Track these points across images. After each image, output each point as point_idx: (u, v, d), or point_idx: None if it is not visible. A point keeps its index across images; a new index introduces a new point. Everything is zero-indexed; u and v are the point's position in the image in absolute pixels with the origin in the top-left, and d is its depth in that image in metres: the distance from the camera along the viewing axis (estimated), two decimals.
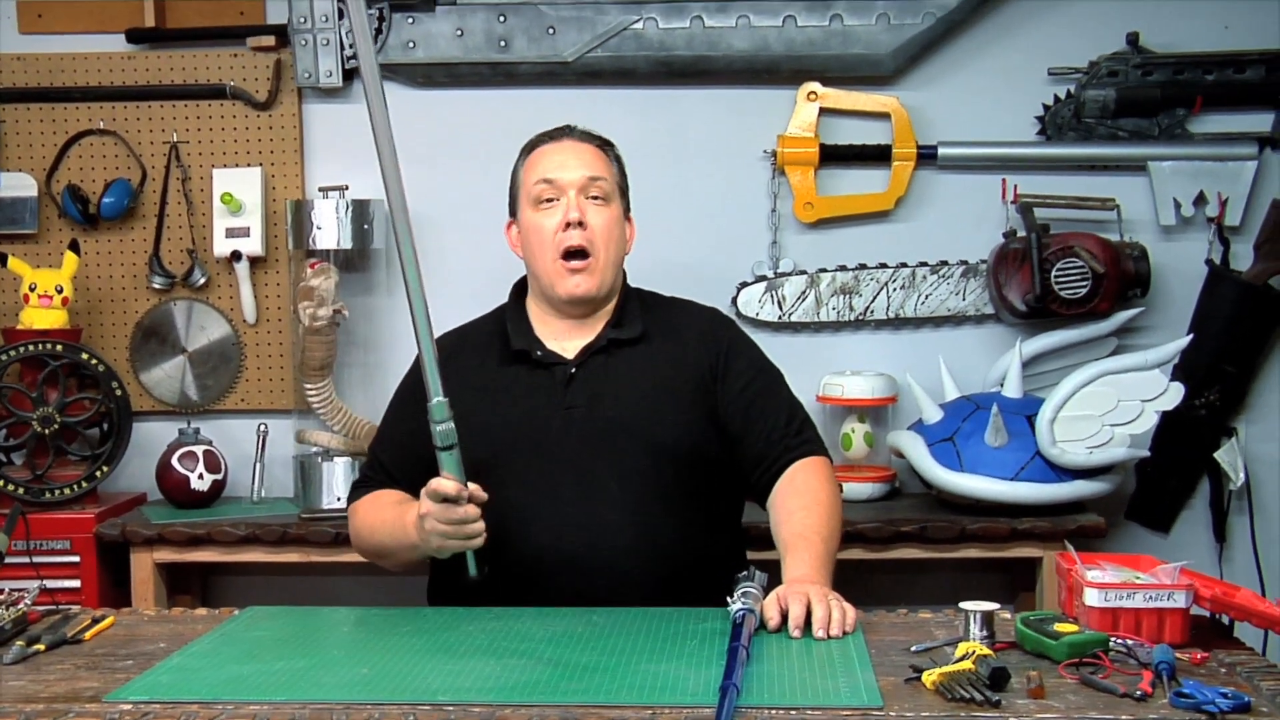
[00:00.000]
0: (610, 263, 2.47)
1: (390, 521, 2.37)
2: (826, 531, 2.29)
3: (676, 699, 1.74)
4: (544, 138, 2.55)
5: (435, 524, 2.20)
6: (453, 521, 2.19)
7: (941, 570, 3.35)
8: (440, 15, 3.42)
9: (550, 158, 2.50)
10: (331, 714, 1.71)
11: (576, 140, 2.53)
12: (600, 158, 2.52)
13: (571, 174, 2.47)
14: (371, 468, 2.57)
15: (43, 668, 1.96)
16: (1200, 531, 3.49)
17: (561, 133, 2.55)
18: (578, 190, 2.46)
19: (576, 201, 2.45)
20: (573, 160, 2.48)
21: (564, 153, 2.50)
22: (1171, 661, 1.81)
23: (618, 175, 2.55)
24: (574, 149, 2.51)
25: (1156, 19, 3.39)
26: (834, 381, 3.35)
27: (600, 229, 2.45)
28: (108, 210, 3.48)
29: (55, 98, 3.52)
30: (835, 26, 3.38)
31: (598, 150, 2.53)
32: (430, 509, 2.19)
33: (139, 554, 3.21)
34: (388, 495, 2.47)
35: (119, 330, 3.55)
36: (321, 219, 3.32)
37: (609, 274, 2.47)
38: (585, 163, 2.49)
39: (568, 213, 2.44)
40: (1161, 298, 3.41)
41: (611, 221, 2.48)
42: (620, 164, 2.58)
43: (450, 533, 2.20)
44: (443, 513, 2.18)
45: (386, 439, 2.57)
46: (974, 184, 3.44)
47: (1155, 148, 3.39)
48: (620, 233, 2.51)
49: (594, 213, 2.46)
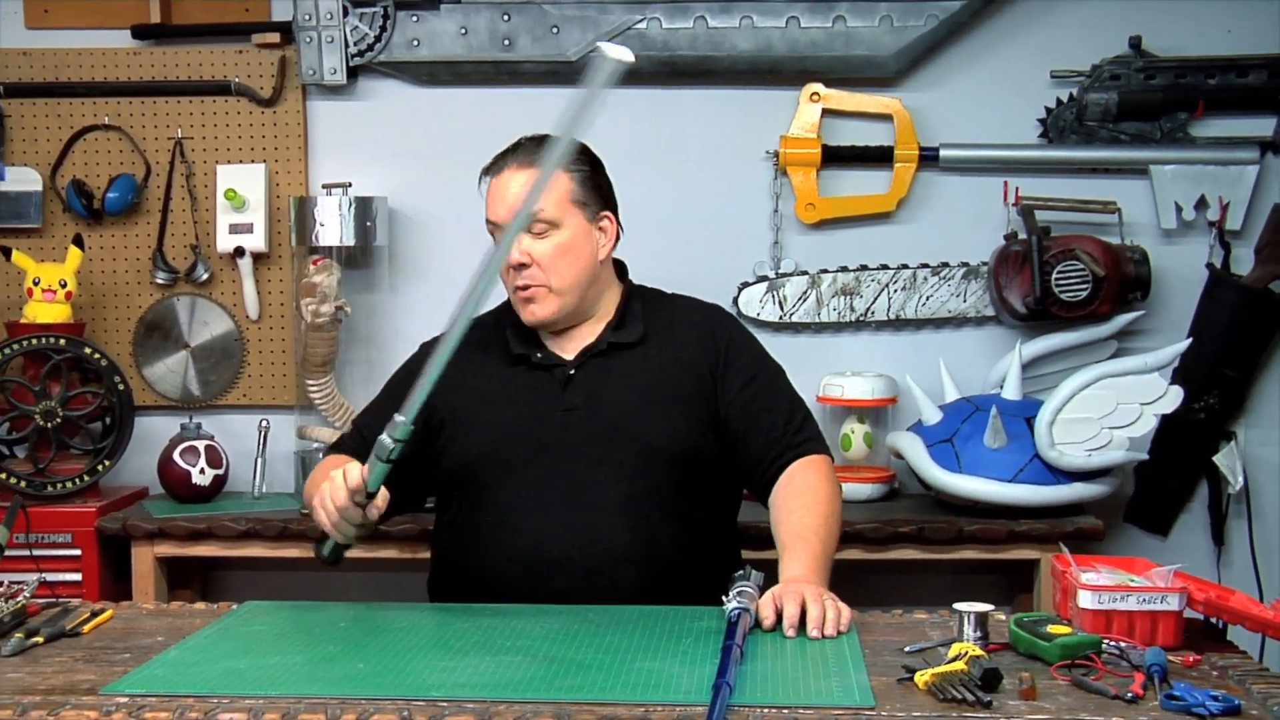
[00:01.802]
0: (567, 286, 2.43)
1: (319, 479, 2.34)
2: (825, 531, 2.30)
3: (670, 697, 1.75)
4: (491, 167, 2.48)
5: (325, 499, 2.19)
6: (338, 508, 2.17)
7: (939, 571, 3.36)
8: (445, 13, 3.44)
9: (492, 194, 2.45)
10: (326, 709, 1.72)
11: (515, 168, 2.43)
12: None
13: (505, 211, 2.41)
14: (350, 436, 2.57)
15: (40, 660, 1.97)
16: (1199, 535, 3.50)
17: (504, 160, 2.46)
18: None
19: (518, 241, 2.39)
20: (509, 196, 2.41)
21: (501, 187, 2.43)
22: (1163, 664, 1.82)
23: (574, 189, 2.45)
24: (511, 179, 2.42)
25: (1159, 23, 3.39)
26: (834, 382, 3.36)
27: (545, 259, 2.41)
28: (112, 205, 3.49)
29: (60, 93, 3.54)
30: (838, 28, 3.38)
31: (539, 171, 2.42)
32: (333, 480, 2.17)
33: (140, 548, 3.22)
34: (344, 459, 2.40)
35: (122, 325, 3.57)
36: (324, 216, 3.33)
37: (568, 297, 2.44)
38: (521, 195, 2.37)
39: (510, 255, 2.40)
40: (1162, 301, 3.41)
41: (558, 249, 2.42)
42: (584, 170, 2.47)
43: (330, 512, 2.18)
44: (338, 497, 2.17)
45: (372, 415, 2.54)
46: (975, 186, 3.44)
47: (1157, 151, 3.39)
48: (573, 253, 2.43)
49: (535, 245, 2.41)
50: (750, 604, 2.03)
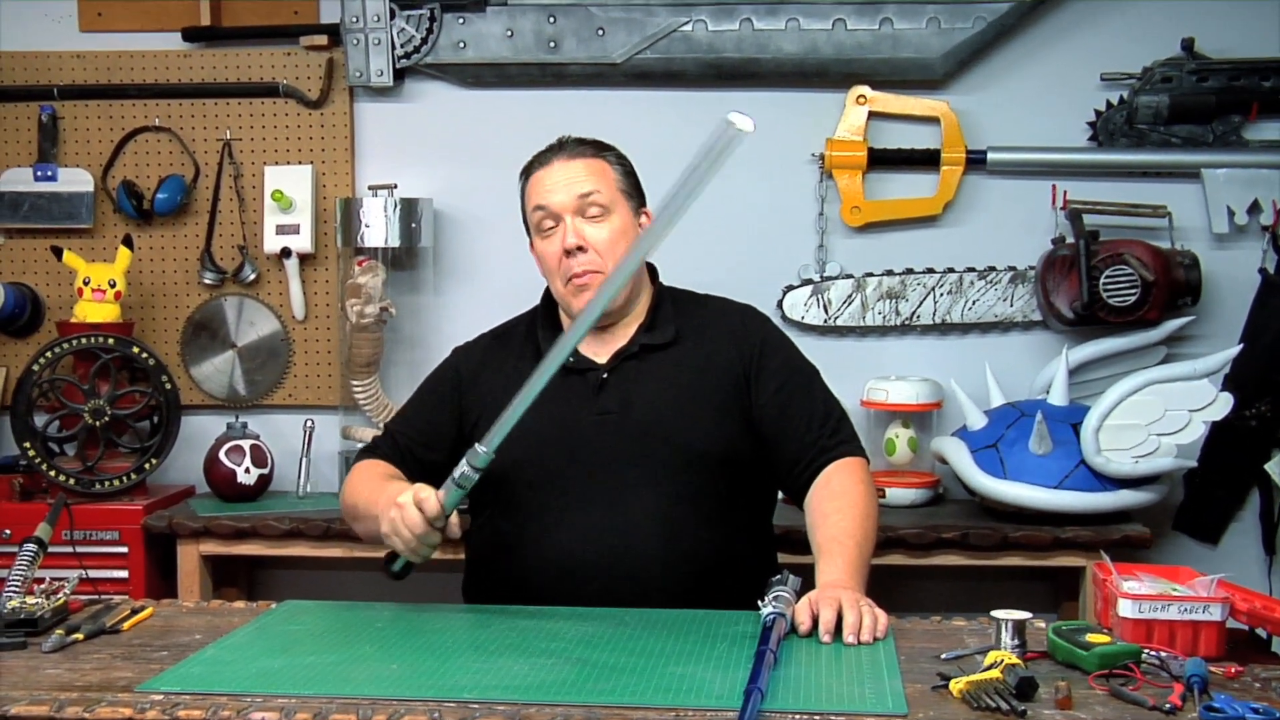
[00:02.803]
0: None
1: (373, 489, 2.36)
2: (861, 535, 2.28)
3: (701, 701, 1.74)
4: (536, 162, 2.50)
5: (399, 522, 2.18)
6: (415, 534, 2.18)
7: (983, 578, 3.33)
8: (491, 16, 3.44)
9: (542, 183, 2.45)
10: (358, 709, 1.73)
11: (566, 158, 2.46)
12: (593, 169, 2.45)
13: (562, 196, 2.42)
14: (383, 439, 2.57)
15: (80, 657, 1.98)
16: (1250, 544, 3.45)
17: (550, 153, 2.48)
18: (573, 212, 2.41)
19: (573, 225, 2.41)
20: (562, 181, 2.43)
21: (553, 175, 2.44)
22: (1204, 675, 1.79)
23: (619, 179, 2.48)
24: (563, 169, 2.45)
25: (1212, 24, 3.35)
26: (878, 386, 3.34)
27: (603, 245, 2.41)
28: (161, 206, 3.53)
29: (112, 95, 3.59)
30: (885, 30, 3.36)
31: (590, 161, 2.46)
32: (405, 508, 2.17)
33: (185, 546, 3.25)
34: (384, 466, 2.48)
35: (170, 325, 3.60)
36: (370, 217, 3.35)
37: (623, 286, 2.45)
38: (575, 181, 2.42)
39: (564, 239, 2.40)
40: (1213, 307, 3.37)
41: (615, 233, 2.43)
42: (624, 165, 2.51)
43: (406, 538, 2.19)
44: (415, 525, 2.17)
45: (406, 420, 2.58)
46: (1023, 189, 3.41)
47: (1209, 155, 3.35)
48: (625, 240, 2.43)
49: (593, 230, 2.42)
50: (786, 609, 2.01)
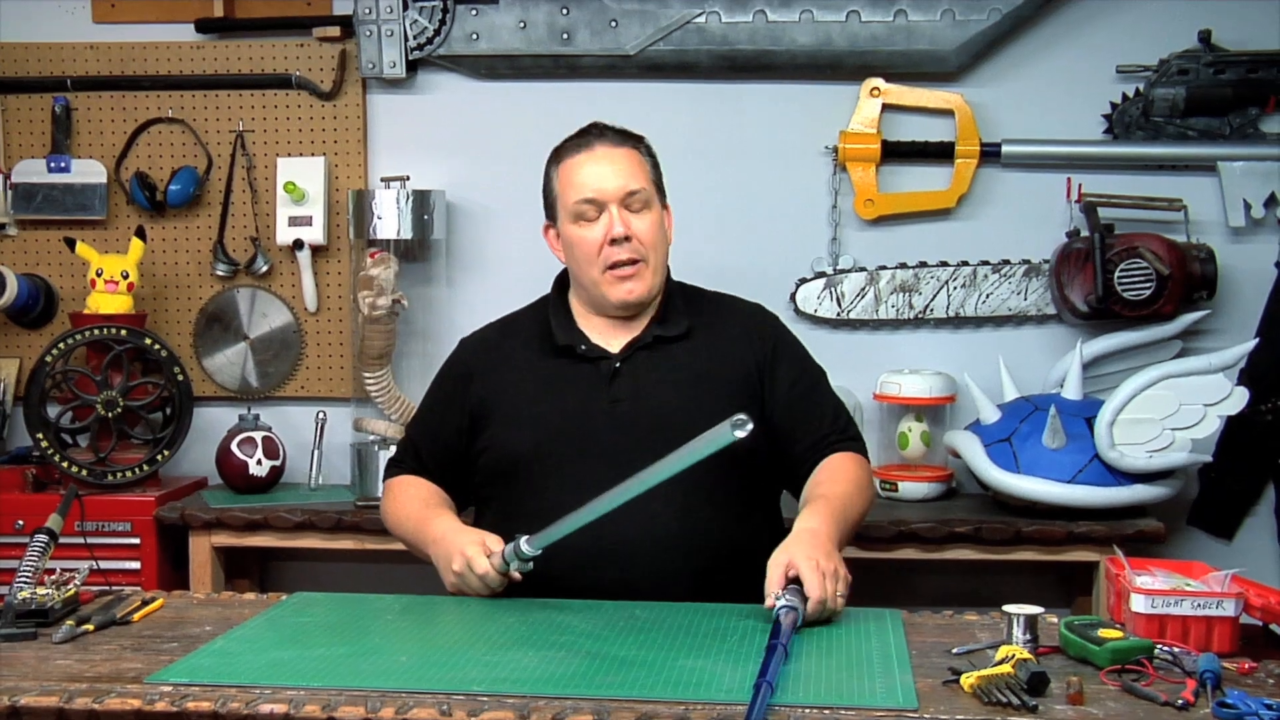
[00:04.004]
0: (658, 266, 2.46)
1: (415, 523, 2.43)
2: (846, 498, 2.32)
3: (710, 695, 1.74)
4: (573, 146, 2.48)
5: (455, 576, 2.25)
6: (470, 587, 2.25)
7: (996, 572, 3.32)
8: (503, 7, 3.44)
9: (585, 170, 2.44)
10: (366, 701, 1.73)
11: (609, 145, 2.46)
12: (634, 161, 2.45)
13: (610, 187, 2.42)
14: (405, 449, 2.60)
15: (90, 647, 1.99)
16: (1265, 539, 3.43)
17: (590, 138, 2.47)
18: (619, 203, 2.41)
19: (619, 216, 2.41)
20: (609, 172, 2.42)
21: (598, 163, 2.43)
22: (1217, 670, 1.78)
23: (652, 172, 2.49)
24: (608, 157, 2.44)
25: (1229, 16, 3.33)
26: (892, 380, 3.32)
27: (646, 235, 2.42)
28: (174, 197, 3.53)
29: (126, 86, 3.59)
30: (899, 22, 3.35)
31: (630, 152, 2.46)
32: (462, 568, 2.23)
33: (197, 537, 3.26)
34: (417, 488, 2.52)
35: (183, 316, 3.60)
36: (383, 209, 3.35)
37: (658, 277, 2.46)
38: (622, 173, 2.42)
39: (611, 228, 2.40)
40: (1229, 300, 3.35)
41: (655, 225, 2.44)
42: (653, 157, 2.52)
43: (476, 587, 2.25)
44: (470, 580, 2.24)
45: (421, 423, 2.62)
46: (1038, 182, 3.40)
47: (1226, 148, 3.33)
48: (663, 233, 2.48)
49: (637, 221, 2.42)
50: (798, 602, 2.01)
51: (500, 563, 2.20)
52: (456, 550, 2.25)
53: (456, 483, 2.53)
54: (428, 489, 2.52)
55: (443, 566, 2.30)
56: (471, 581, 2.23)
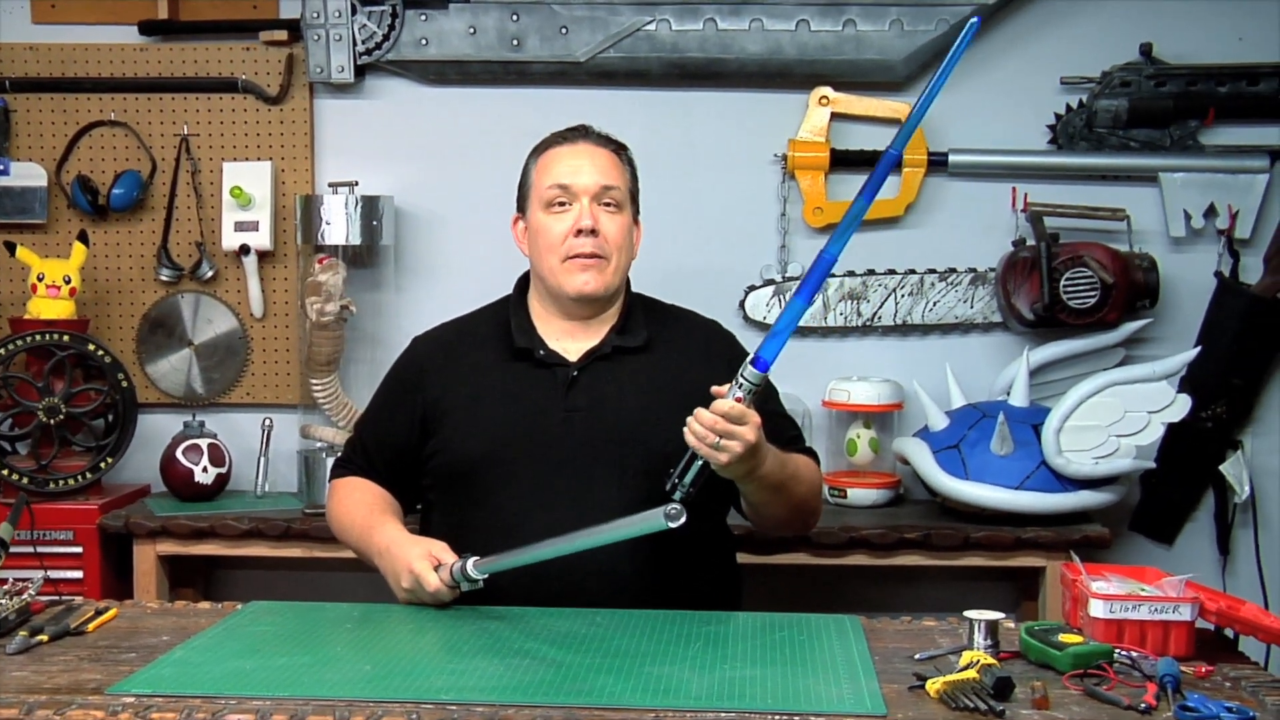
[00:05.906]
0: (619, 268, 2.46)
1: (360, 530, 2.42)
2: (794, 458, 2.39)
3: (679, 702, 1.74)
4: (559, 138, 2.51)
5: (405, 590, 2.25)
6: (422, 600, 2.24)
7: (945, 578, 3.35)
8: (453, 13, 3.42)
9: (565, 161, 2.46)
10: (334, 710, 1.71)
11: (592, 144, 2.49)
12: (615, 164, 2.48)
13: (586, 180, 2.43)
14: (354, 449, 2.59)
15: (45, 658, 1.95)
16: (1204, 544, 3.48)
17: (577, 134, 2.51)
18: (591, 197, 2.43)
19: (590, 208, 2.42)
20: (588, 165, 2.45)
21: (579, 157, 2.46)
22: (1176, 674, 1.81)
23: (630, 181, 2.52)
24: (589, 153, 2.47)
25: (1170, 30, 3.38)
26: (840, 387, 3.35)
27: (612, 235, 2.43)
28: (117, 201, 3.48)
29: (67, 88, 3.53)
30: (848, 32, 3.37)
31: (613, 155, 2.49)
32: (411, 585, 2.22)
33: (142, 546, 3.21)
34: (363, 491, 2.50)
35: (126, 322, 3.55)
36: (331, 214, 3.32)
37: (616, 278, 2.46)
38: (600, 169, 2.45)
39: (579, 220, 2.41)
40: (1170, 309, 3.40)
41: (623, 228, 2.46)
42: (633, 168, 2.54)
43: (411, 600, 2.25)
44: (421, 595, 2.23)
45: (371, 423, 2.59)
46: (984, 192, 3.43)
47: (1167, 159, 3.38)
48: (629, 239, 2.49)
49: (606, 219, 2.43)
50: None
51: (449, 577, 2.19)
52: (404, 567, 2.24)
53: (405, 484, 2.51)
54: (373, 493, 2.50)
55: (392, 582, 2.29)
56: (423, 596, 2.22)
